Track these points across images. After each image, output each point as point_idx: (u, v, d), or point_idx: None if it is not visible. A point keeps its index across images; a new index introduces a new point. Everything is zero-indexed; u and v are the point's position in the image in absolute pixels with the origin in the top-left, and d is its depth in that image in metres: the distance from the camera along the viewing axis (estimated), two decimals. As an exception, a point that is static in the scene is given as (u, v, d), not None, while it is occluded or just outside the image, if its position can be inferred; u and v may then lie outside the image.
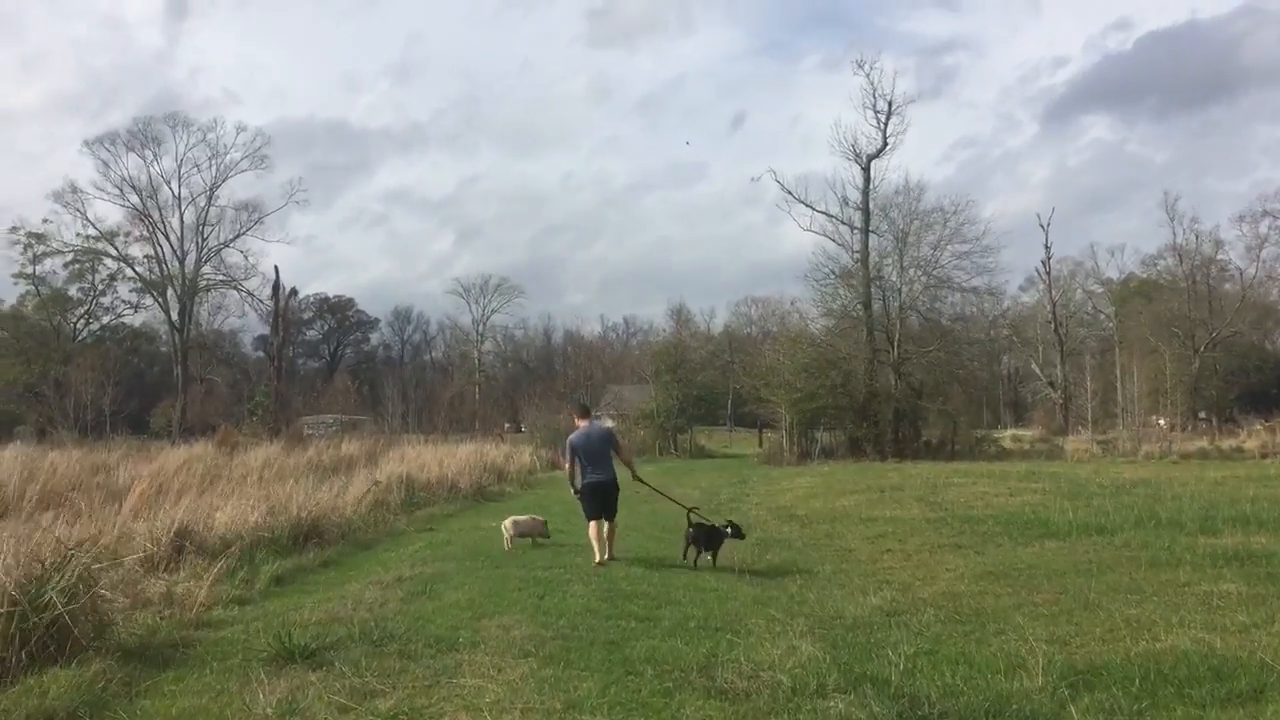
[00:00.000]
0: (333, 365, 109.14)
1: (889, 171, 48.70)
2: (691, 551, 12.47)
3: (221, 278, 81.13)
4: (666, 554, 13.23)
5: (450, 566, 11.91)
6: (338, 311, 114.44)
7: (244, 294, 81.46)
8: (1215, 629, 7.68)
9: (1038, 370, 78.03)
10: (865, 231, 46.75)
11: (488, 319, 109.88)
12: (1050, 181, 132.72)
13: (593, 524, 12.37)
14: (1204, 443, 45.01)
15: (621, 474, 13.11)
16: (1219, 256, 75.50)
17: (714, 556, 12.46)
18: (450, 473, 24.48)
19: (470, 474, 25.33)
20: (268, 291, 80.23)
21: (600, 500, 12.51)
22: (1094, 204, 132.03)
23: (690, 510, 12.89)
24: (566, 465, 13.04)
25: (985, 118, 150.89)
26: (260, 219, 79.62)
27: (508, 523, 14.20)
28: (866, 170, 47.00)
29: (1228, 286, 75.89)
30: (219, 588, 10.59)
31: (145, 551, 11.48)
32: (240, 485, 18.95)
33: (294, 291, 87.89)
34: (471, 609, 8.95)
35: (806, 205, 48.17)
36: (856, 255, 47.12)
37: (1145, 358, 62.17)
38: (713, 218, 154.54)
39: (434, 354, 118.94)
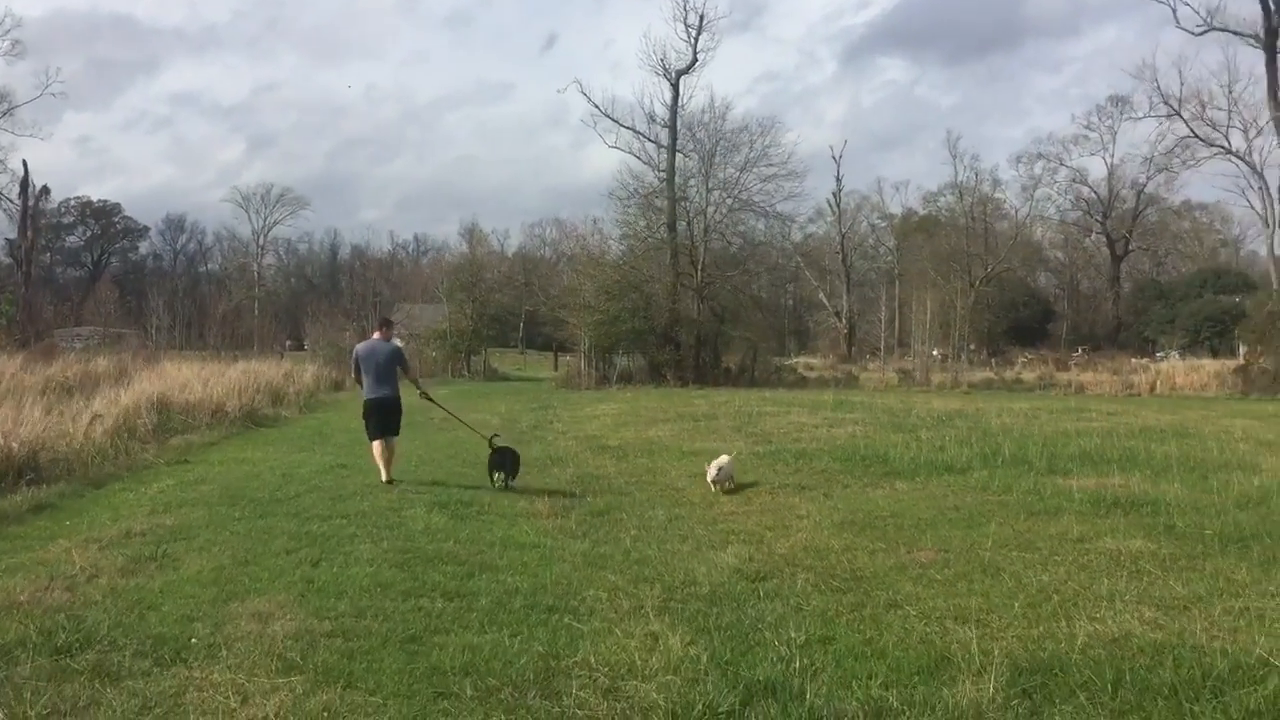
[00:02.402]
0: (95, 275, 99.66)
1: (697, 90, 47.06)
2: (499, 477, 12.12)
3: (-40, 174, 71.41)
4: (471, 495, 11.22)
5: (199, 515, 9.47)
6: (102, 217, 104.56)
7: (-13, 192, 72.03)
8: (1159, 604, 6.31)
9: (824, 300, 79.52)
10: (672, 150, 45.16)
11: (269, 231, 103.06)
12: (844, 119, 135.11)
13: (376, 444, 12.18)
14: (989, 374, 46.41)
15: (409, 396, 12.93)
16: (996, 195, 78.89)
17: (509, 477, 12.12)
18: (216, 394, 21.39)
19: (241, 396, 22.30)
20: (16, 190, 71.62)
21: (381, 418, 12.24)
22: (883, 143, 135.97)
23: (491, 438, 12.69)
24: (352, 375, 12.94)
25: (789, 53, 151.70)
26: (9, 110, 70.25)
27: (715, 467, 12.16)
28: (675, 86, 45.39)
29: (1003, 225, 79.38)
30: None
31: None
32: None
33: (45, 190, 78.92)
34: (217, 585, 6.66)
35: (613, 120, 46.28)
36: (662, 174, 45.52)
37: (927, 290, 63.85)
38: (516, 139, 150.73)
39: (210, 266, 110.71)
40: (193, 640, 5.44)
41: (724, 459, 12.21)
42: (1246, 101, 43.16)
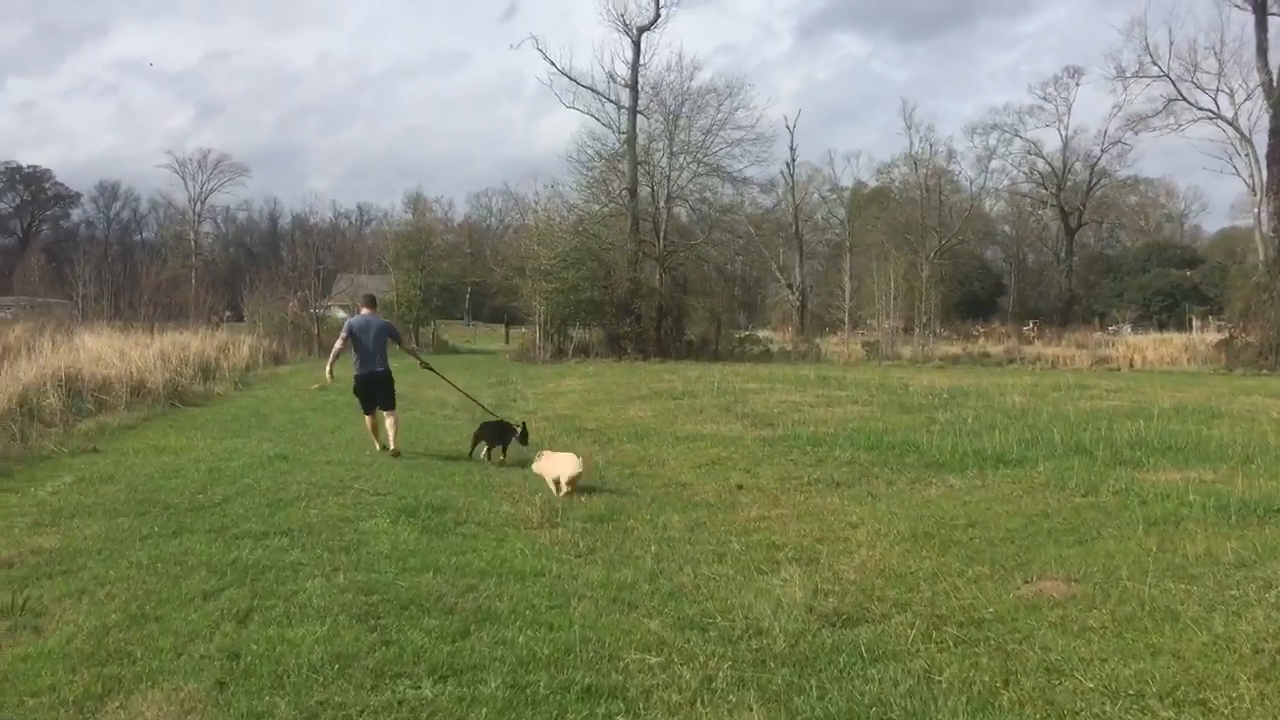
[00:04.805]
0: (25, 242, 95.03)
1: (660, 48, 44.93)
2: (480, 450, 11.94)
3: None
4: (442, 496, 9.19)
5: (94, 531, 7.30)
6: (32, 183, 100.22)
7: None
8: None
9: (777, 272, 77.77)
10: (633, 111, 42.77)
11: (206, 198, 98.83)
12: (799, 94, 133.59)
13: (368, 418, 12.48)
14: (956, 349, 45.06)
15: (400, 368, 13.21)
16: (950, 167, 77.68)
17: (503, 451, 11.88)
18: (136, 368, 18.93)
19: (165, 370, 19.89)
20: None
21: (373, 392, 12.37)
22: (836, 116, 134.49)
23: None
24: (338, 344, 12.75)
25: (746, 27, 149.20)
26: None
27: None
28: (637, 44, 42.99)
29: (957, 198, 78.27)
30: None
31: None
32: None
33: (-27, 157, 74.92)
34: (93, 665, 4.50)
35: (571, 79, 43.77)
36: (624, 136, 43.20)
37: (888, 263, 62.47)
38: (470, 110, 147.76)
39: (145, 234, 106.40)
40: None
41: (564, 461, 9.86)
42: (1235, 64, 42.09)
